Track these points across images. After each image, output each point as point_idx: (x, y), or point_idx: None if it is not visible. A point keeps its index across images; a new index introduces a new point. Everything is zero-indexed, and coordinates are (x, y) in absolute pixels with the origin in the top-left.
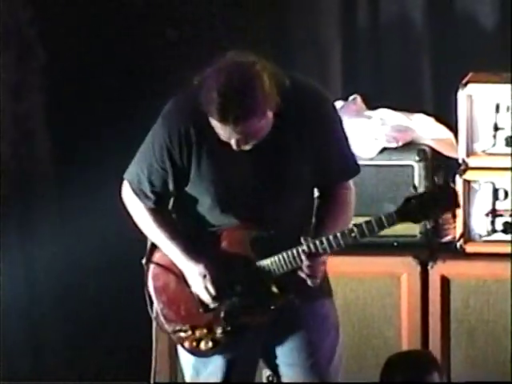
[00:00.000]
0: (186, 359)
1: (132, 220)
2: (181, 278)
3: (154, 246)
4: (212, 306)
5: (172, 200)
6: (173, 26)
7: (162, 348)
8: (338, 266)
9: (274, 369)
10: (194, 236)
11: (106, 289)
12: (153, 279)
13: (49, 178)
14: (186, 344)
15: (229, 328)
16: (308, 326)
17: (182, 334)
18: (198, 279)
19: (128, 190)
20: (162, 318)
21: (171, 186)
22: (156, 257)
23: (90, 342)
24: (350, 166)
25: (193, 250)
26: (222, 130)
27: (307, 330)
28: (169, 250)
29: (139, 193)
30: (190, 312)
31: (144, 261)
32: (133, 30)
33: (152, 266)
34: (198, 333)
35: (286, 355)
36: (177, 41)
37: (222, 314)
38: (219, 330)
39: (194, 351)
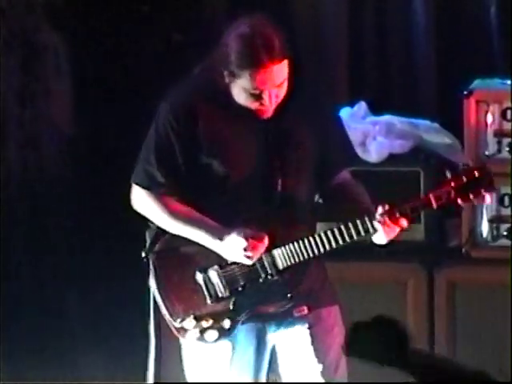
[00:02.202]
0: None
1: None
2: (187, 267)
3: (155, 240)
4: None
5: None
6: (178, 30)
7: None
8: (343, 273)
9: (281, 375)
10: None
11: (113, 290)
12: (156, 268)
13: (55, 182)
14: (189, 335)
15: (238, 318)
16: (315, 334)
17: (186, 325)
18: (237, 242)
19: (138, 193)
20: (164, 310)
21: (181, 161)
22: (158, 247)
23: (94, 343)
24: (350, 152)
25: (218, 224)
26: (254, 82)
27: (314, 337)
28: (196, 232)
29: (151, 184)
30: (196, 302)
31: (144, 253)
32: (138, 33)
33: (154, 257)
34: (203, 323)
35: (293, 362)
36: (182, 45)
37: (231, 306)
38: (227, 321)
39: (199, 341)
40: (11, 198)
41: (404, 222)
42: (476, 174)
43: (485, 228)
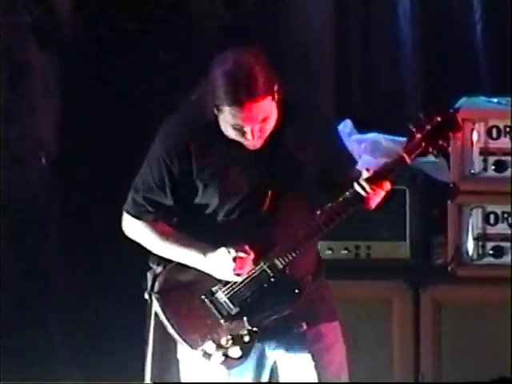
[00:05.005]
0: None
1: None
2: (191, 295)
3: (155, 279)
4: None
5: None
6: (164, 50)
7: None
8: None
9: None
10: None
11: (113, 292)
12: (162, 306)
13: (40, 201)
14: (214, 358)
15: (255, 329)
16: (315, 351)
17: (207, 350)
18: (224, 259)
19: (128, 220)
20: (183, 342)
21: (169, 201)
22: (158, 286)
23: (93, 344)
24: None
25: (208, 245)
26: (235, 119)
27: (314, 355)
28: (185, 255)
29: (139, 214)
30: (210, 325)
31: (147, 295)
32: (124, 53)
33: (157, 296)
34: (223, 344)
35: (293, 380)
36: (168, 64)
37: (246, 319)
38: (246, 335)
39: (224, 364)
40: None
41: (387, 185)
42: (438, 118)
43: (470, 246)
